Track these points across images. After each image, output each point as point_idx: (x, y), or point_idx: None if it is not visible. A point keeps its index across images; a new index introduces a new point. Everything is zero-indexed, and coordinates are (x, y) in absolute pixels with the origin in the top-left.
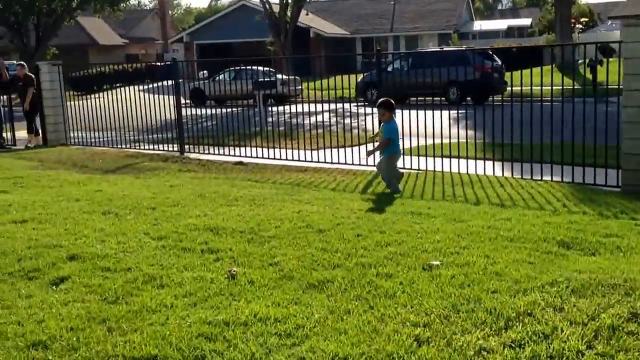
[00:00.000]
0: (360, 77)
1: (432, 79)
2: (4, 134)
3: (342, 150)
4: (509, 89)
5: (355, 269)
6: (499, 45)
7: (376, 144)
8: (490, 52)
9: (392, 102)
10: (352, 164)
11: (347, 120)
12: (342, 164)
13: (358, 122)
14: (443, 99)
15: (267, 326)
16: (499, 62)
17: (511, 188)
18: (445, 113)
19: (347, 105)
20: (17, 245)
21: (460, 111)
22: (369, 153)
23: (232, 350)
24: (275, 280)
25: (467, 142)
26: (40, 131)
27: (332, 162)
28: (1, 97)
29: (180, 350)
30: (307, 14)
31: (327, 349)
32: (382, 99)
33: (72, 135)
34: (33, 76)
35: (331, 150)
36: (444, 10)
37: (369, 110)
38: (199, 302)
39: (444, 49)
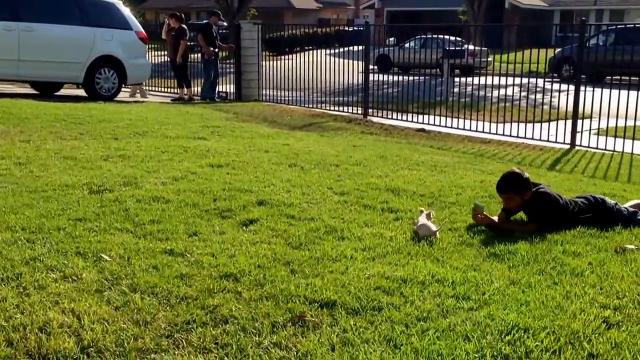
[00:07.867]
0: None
1: None
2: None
3: (529, 125)
4: None
5: (539, 243)
6: None
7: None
8: None
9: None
10: (540, 139)
11: (538, 96)
12: (528, 138)
13: (551, 98)
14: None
15: (445, 287)
16: None
17: None
18: None
19: (538, 81)
20: (214, 186)
21: None
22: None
23: (409, 305)
24: (455, 245)
25: None
26: (191, 83)
27: (517, 136)
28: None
29: (359, 299)
30: None
31: (506, 318)
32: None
33: (263, 92)
34: (186, 28)
35: (518, 125)
36: None
37: (563, 87)
38: (378, 257)
39: None
